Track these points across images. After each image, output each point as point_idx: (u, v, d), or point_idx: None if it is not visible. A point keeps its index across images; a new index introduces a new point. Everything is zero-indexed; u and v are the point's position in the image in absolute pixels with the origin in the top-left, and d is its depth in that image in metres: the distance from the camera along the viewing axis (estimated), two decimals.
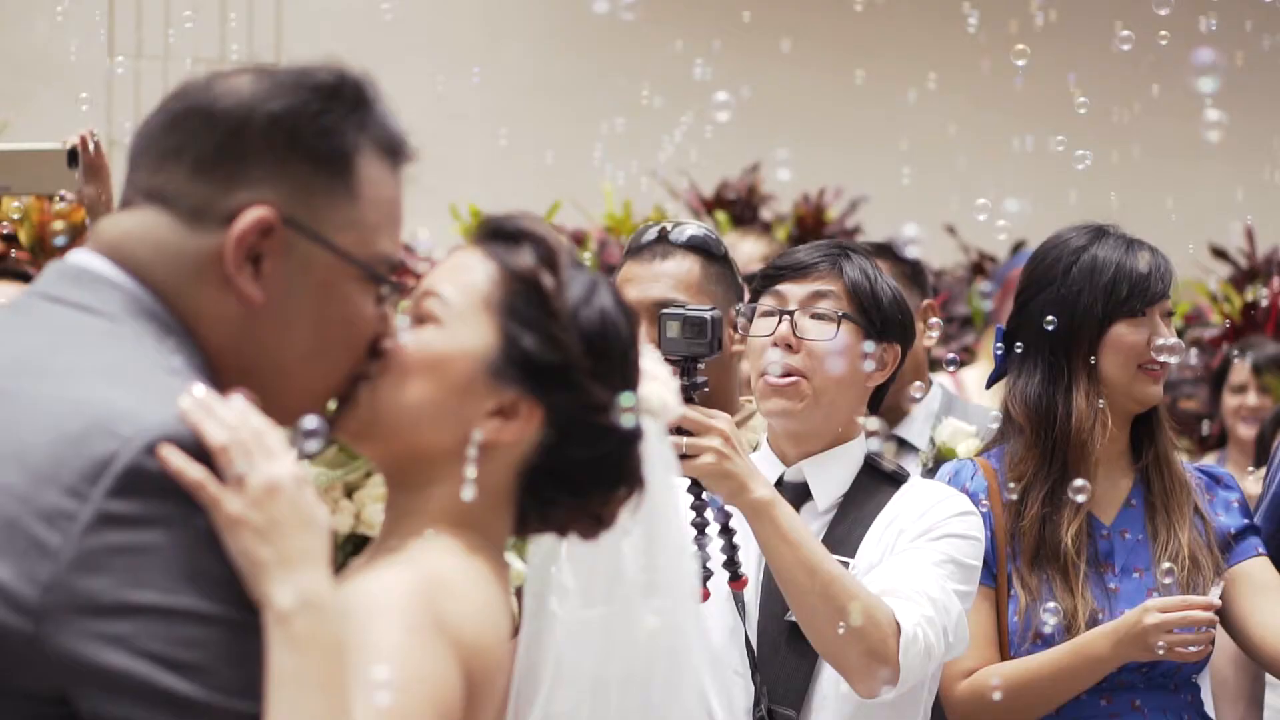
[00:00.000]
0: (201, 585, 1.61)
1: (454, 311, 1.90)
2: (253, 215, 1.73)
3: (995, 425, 3.36)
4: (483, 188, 7.52)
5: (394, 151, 1.83)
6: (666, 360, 2.78)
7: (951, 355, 5.56)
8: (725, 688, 2.96)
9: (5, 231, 5.42)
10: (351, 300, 1.81)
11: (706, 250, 3.41)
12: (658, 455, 2.01)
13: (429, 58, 8.53)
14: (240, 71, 1.80)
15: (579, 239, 6.95)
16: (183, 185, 1.76)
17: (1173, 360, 3.22)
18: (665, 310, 2.87)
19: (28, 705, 1.59)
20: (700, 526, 2.82)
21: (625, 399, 1.92)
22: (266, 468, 1.65)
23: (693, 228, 3.44)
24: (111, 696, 1.58)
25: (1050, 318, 3.21)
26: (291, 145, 1.76)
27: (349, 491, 3.06)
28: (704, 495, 2.82)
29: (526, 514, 1.94)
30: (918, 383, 3.92)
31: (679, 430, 2.74)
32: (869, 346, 2.98)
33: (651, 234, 3.44)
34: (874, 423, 3.00)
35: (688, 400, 2.79)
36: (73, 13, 7.48)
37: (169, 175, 1.76)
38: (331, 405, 1.88)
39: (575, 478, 1.93)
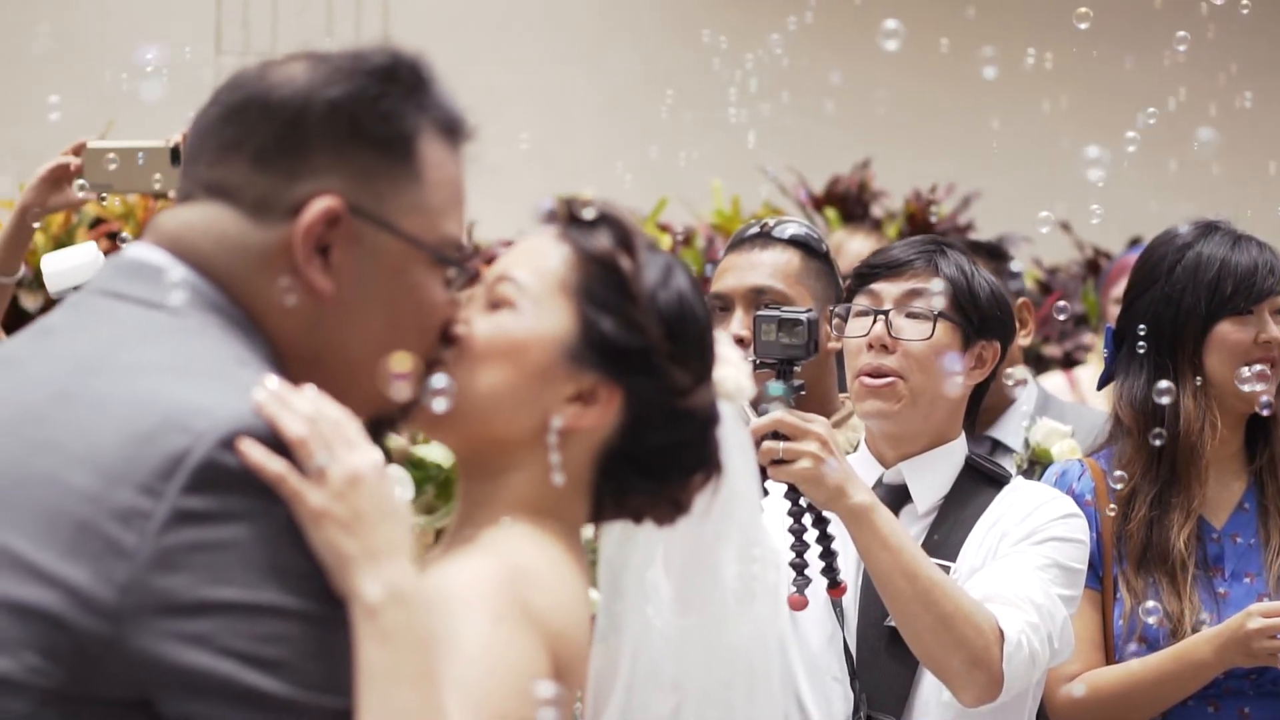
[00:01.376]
0: (283, 580, 1.58)
1: (530, 296, 1.87)
2: (320, 206, 1.70)
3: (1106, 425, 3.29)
4: (591, 185, 7.50)
5: (454, 131, 1.80)
6: (762, 363, 2.75)
7: None
8: (823, 694, 2.93)
9: (112, 230, 5.47)
10: (421, 286, 1.77)
11: (808, 247, 3.38)
12: (735, 439, 1.98)
13: (537, 54, 8.54)
14: (293, 59, 1.77)
15: (686, 237, 6.90)
16: (244, 178, 1.73)
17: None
18: (761, 312, 2.84)
19: (111, 712, 1.56)
20: (798, 533, 2.77)
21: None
22: (348, 459, 1.62)
23: (795, 225, 3.44)
24: (194, 698, 1.55)
25: (1145, 320, 3.13)
26: (352, 132, 1.73)
27: (439, 537, 3.04)
28: (801, 500, 2.77)
29: (603, 500, 1.91)
30: (1010, 370, 3.84)
31: (775, 435, 2.70)
32: (953, 362, 2.91)
33: (753, 229, 3.44)
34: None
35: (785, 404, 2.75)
36: (179, 11, 7.55)
37: (229, 168, 1.73)
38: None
39: (654, 463, 1.89)
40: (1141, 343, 3.16)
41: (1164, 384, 3.04)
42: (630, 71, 8.53)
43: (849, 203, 7.29)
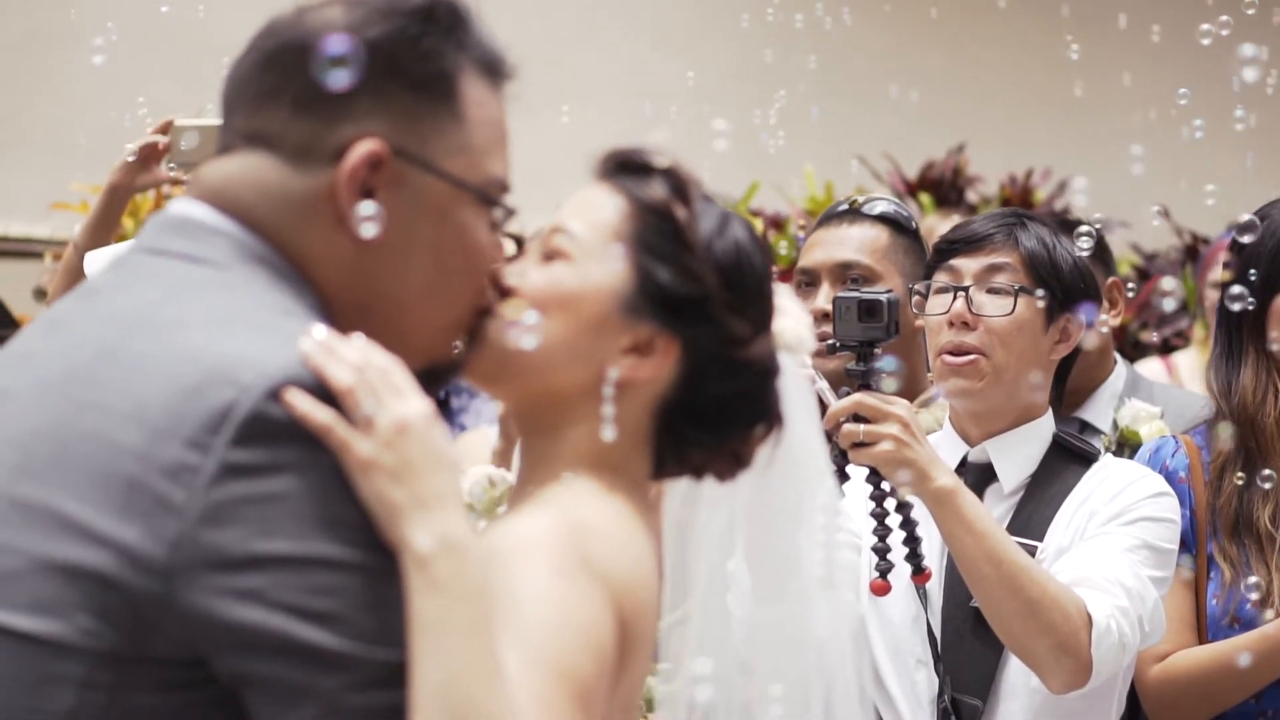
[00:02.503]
0: (334, 531, 1.55)
1: (584, 247, 1.84)
2: (363, 149, 1.68)
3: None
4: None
5: (495, 71, 1.77)
6: (843, 346, 2.71)
7: None
8: (908, 678, 2.89)
9: None
10: (467, 228, 1.74)
11: (896, 223, 3.36)
12: (795, 392, 1.94)
13: (632, 41, 8.52)
14: (328, 3, 1.74)
15: (778, 222, 6.87)
16: (284, 125, 1.70)
17: None
18: (840, 294, 2.80)
19: (164, 671, 1.54)
20: (879, 517, 2.73)
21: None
22: (396, 407, 1.58)
23: (884, 202, 3.42)
24: (246, 654, 1.52)
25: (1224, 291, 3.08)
26: (393, 73, 1.70)
27: None
28: (883, 484, 2.73)
29: (663, 455, 1.88)
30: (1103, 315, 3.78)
31: (856, 418, 2.66)
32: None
33: (842, 206, 3.42)
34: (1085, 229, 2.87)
35: (865, 386, 2.72)
36: None
37: (269, 116, 1.71)
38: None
39: (713, 415, 1.86)
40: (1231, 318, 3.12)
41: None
42: (723, 57, 8.50)
43: (943, 188, 7.23)
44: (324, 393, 1.57)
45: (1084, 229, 2.84)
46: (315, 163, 1.69)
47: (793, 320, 1.95)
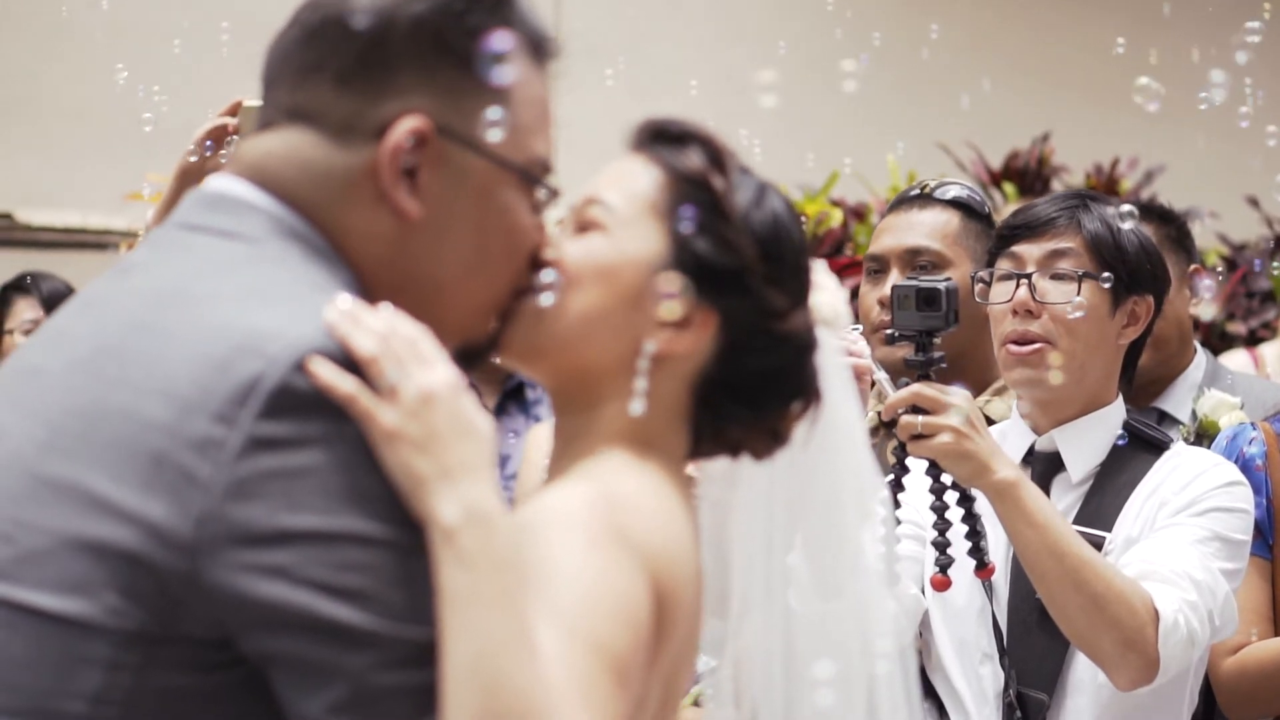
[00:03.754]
0: (362, 505, 1.51)
1: (619, 218, 1.80)
2: (406, 125, 1.65)
3: None
4: (765, 159, 7.43)
5: (539, 49, 1.75)
6: (901, 335, 2.66)
7: None
8: (973, 671, 2.84)
9: None
10: (510, 208, 1.71)
11: (969, 208, 3.31)
12: (833, 367, 1.90)
13: (711, 30, 8.49)
14: None
15: (860, 211, 6.82)
16: (327, 100, 1.67)
17: None
18: (898, 284, 2.75)
19: (192, 652, 1.52)
20: (939, 510, 2.69)
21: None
22: (421, 376, 1.55)
23: (957, 187, 3.37)
24: (273, 631, 1.49)
25: None
26: (438, 49, 1.67)
27: None
28: (943, 477, 2.69)
29: (701, 432, 1.84)
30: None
31: (915, 409, 2.61)
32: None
33: (914, 190, 3.37)
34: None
35: (924, 377, 2.67)
36: None
37: (311, 91, 1.68)
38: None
39: (751, 389, 1.82)
40: None
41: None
42: (805, 47, 8.45)
43: (1027, 177, 7.15)
44: (350, 363, 1.54)
45: (1125, 208, 2.78)
46: (357, 139, 1.66)
47: (829, 295, 1.92)
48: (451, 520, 1.53)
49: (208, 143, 3.51)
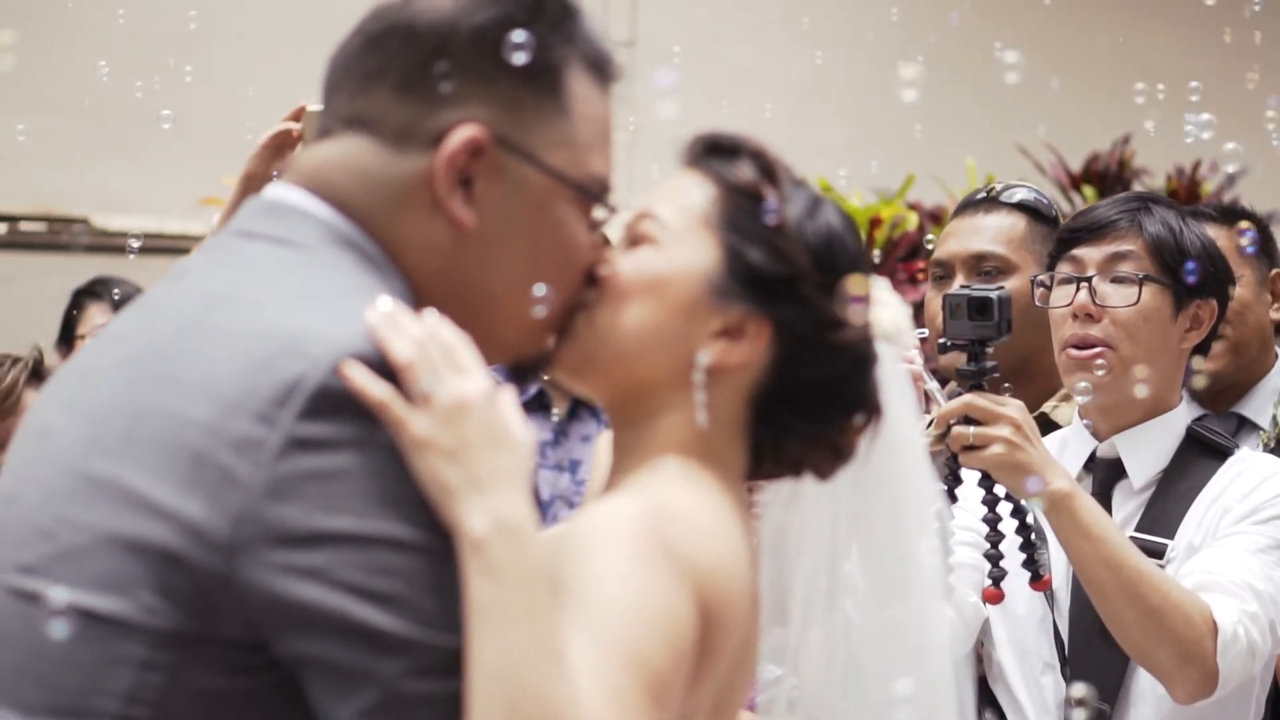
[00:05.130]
0: (398, 510, 1.51)
1: (671, 231, 1.79)
2: (463, 134, 1.65)
3: None
4: (841, 163, 7.40)
5: (602, 69, 1.74)
6: (953, 345, 2.63)
7: None
8: (1034, 681, 2.81)
9: None
10: (565, 224, 1.71)
11: (1036, 211, 3.27)
12: (894, 383, 1.88)
13: (788, 32, 8.46)
14: None
15: (936, 215, 6.77)
16: (386, 107, 1.67)
17: None
18: (950, 293, 2.72)
19: (226, 653, 1.52)
20: (992, 522, 2.66)
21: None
22: (455, 384, 1.54)
23: (1024, 190, 3.33)
24: (305, 635, 1.49)
25: None
26: (499, 60, 1.67)
27: None
28: (996, 489, 2.66)
29: (761, 449, 1.82)
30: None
31: (967, 420, 2.58)
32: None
33: (980, 194, 3.34)
34: None
35: (976, 387, 2.64)
36: None
37: (371, 98, 1.68)
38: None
39: (809, 401, 1.80)
40: None
41: None
42: (881, 49, 8.40)
43: (1108, 180, 7.08)
44: (388, 368, 1.54)
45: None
46: (414, 146, 1.66)
47: (891, 311, 1.90)
48: (479, 531, 1.52)
49: (273, 146, 3.52)
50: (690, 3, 8.20)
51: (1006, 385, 2.66)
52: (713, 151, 1.84)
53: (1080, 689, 2.52)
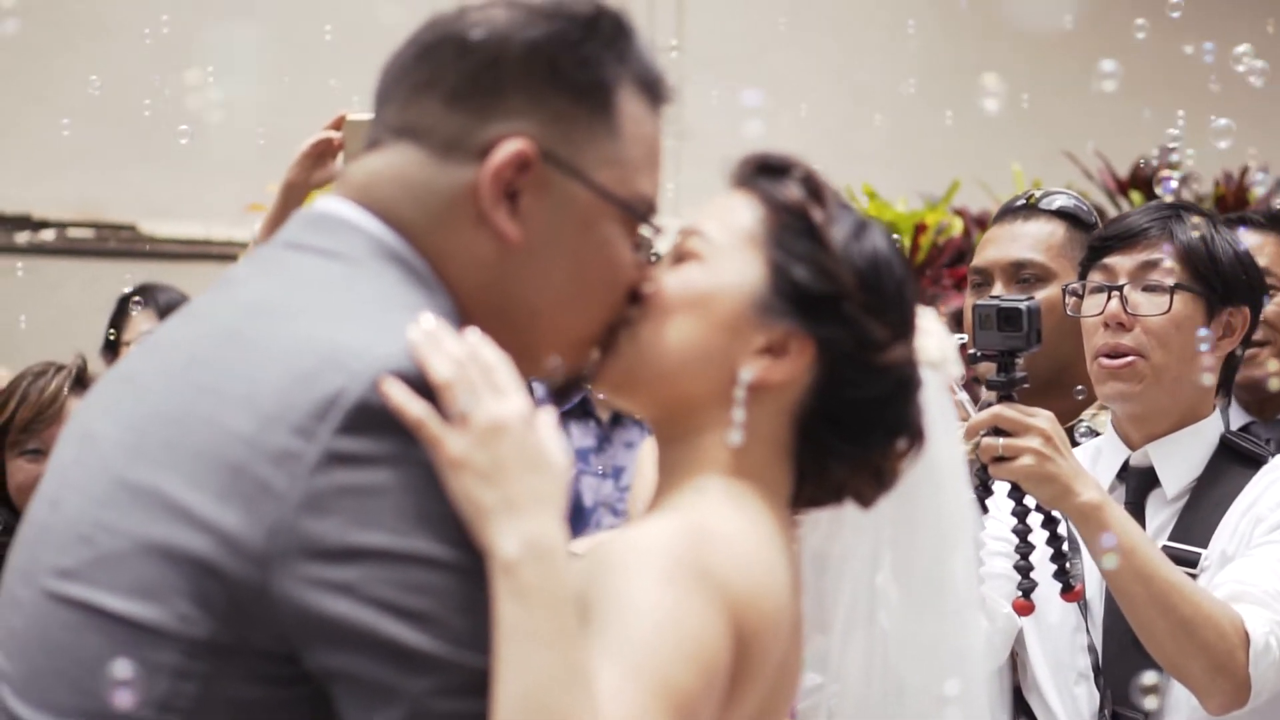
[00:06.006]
0: (432, 528, 1.51)
1: (717, 247, 1.80)
2: (511, 148, 1.65)
3: None
4: (885, 168, 7.38)
5: (653, 90, 1.74)
6: (983, 356, 2.62)
7: None
8: (1068, 692, 2.80)
9: None
10: (610, 242, 1.71)
11: (1075, 218, 3.25)
12: (938, 408, 1.88)
13: (831, 37, 8.45)
14: (492, 3, 1.72)
15: (982, 221, 6.75)
16: (436, 118, 1.68)
17: None
18: (979, 303, 2.70)
19: (259, 664, 1.52)
20: (1022, 534, 2.65)
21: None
22: (492, 405, 1.55)
23: (1064, 197, 3.31)
24: (336, 649, 1.49)
25: None
26: (550, 75, 1.67)
27: None
28: (1026, 500, 2.65)
29: (805, 472, 1.81)
30: None
31: (996, 431, 2.58)
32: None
33: (1020, 200, 3.32)
34: None
35: (1006, 398, 2.63)
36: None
37: (421, 109, 1.69)
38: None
39: (851, 422, 1.79)
40: None
41: None
42: (927, 55, 8.38)
43: (1155, 186, 7.03)
44: (428, 386, 1.55)
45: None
46: (462, 158, 1.67)
47: (936, 339, 1.90)
48: (511, 553, 1.52)
49: (313, 154, 3.53)
50: (736, 11, 8.20)
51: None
52: (762, 172, 1.85)
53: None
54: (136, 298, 4.99)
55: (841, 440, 1.80)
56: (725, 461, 1.77)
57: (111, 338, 5.05)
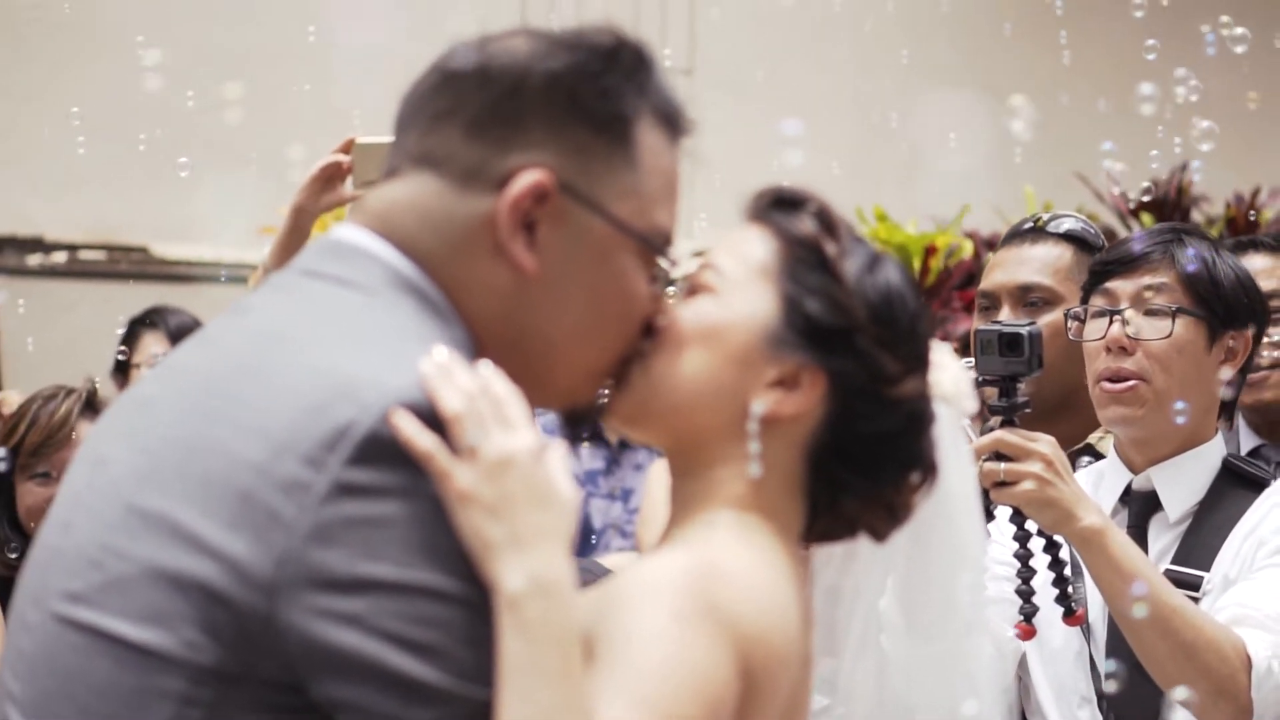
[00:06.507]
0: (440, 561, 1.52)
1: (730, 281, 1.81)
2: (529, 179, 1.65)
3: None
4: (896, 190, 7.40)
5: (672, 122, 1.75)
6: (984, 381, 2.62)
7: None
8: (1070, 714, 2.80)
9: None
10: (626, 274, 1.72)
11: (1083, 241, 3.25)
12: (951, 444, 1.89)
13: (847, 57, 8.45)
14: (513, 33, 1.73)
15: (993, 243, 6.75)
16: (455, 147, 1.68)
17: None
18: (980, 328, 2.71)
19: (265, 692, 1.53)
20: (1023, 558, 2.65)
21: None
22: (501, 439, 1.55)
23: (1071, 220, 3.31)
24: (341, 680, 1.50)
25: None
26: (570, 106, 1.68)
27: None
28: (1028, 524, 2.65)
29: (817, 506, 1.82)
30: None
31: (998, 455, 2.58)
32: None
33: (1028, 224, 3.32)
34: None
35: (1008, 423, 2.63)
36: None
37: (441, 138, 1.69)
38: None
39: (864, 456, 1.80)
40: None
41: None
42: (941, 74, 8.39)
43: (1166, 208, 7.03)
44: (439, 418, 1.55)
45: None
46: (480, 187, 1.67)
47: (950, 373, 1.91)
48: (516, 589, 1.53)
49: (322, 178, 3.54)
50: (747, 32, 8.21)
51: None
52: (776, 205, 1.86)
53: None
54: (148, 320, 5.01)
55: (853, 474, 1.81)
56: (737, 495, 1.78)
57: (122, 359, 5.06)
